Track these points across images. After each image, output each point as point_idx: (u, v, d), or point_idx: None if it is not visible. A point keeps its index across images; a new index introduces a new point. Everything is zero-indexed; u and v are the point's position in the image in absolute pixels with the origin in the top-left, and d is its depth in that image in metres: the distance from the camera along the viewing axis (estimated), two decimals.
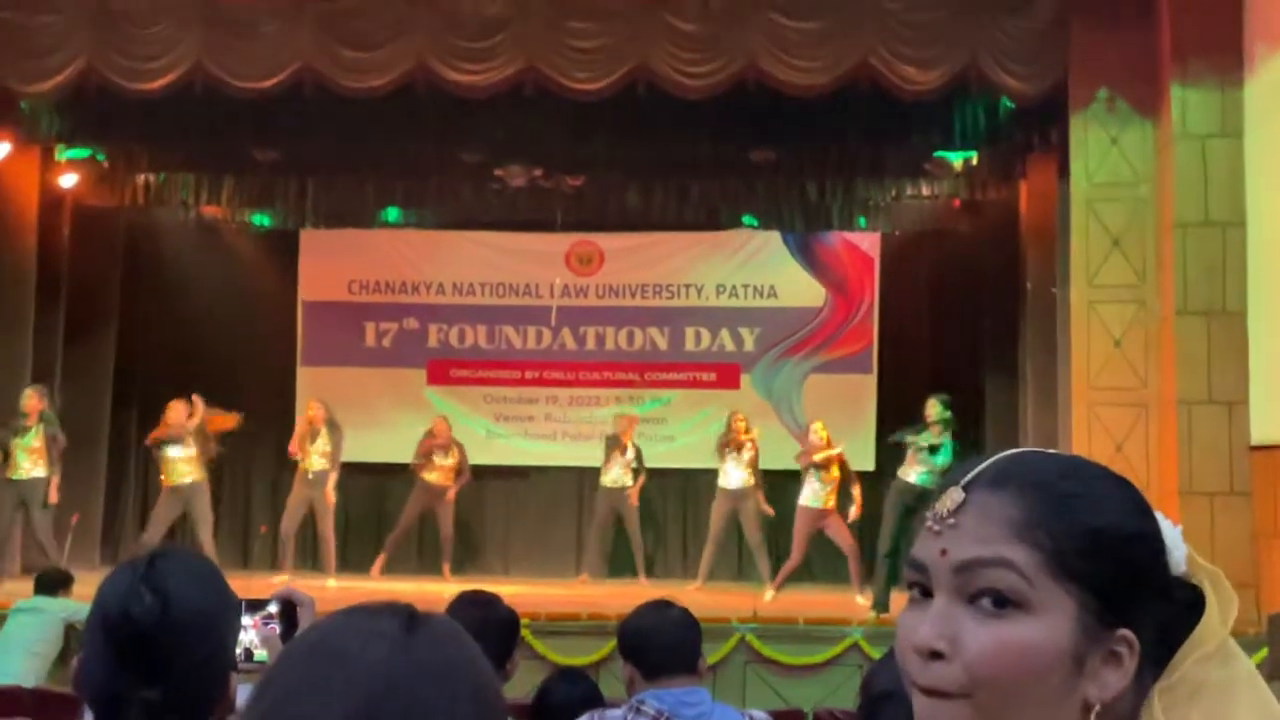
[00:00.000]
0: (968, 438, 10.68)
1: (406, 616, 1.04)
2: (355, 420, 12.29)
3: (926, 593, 1.07)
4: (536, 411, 13.48)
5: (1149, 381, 8.91)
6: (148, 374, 12.93)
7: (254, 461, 13.27)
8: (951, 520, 1.06)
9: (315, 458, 11.53)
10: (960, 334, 12.53)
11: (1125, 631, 1.04)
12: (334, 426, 11.59)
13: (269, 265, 13.58)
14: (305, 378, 13.38)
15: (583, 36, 9.61)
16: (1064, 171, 9.68)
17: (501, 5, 9.58)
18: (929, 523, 1.08)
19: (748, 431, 11.43)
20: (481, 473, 12.56)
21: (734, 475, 11.37)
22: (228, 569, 2.31)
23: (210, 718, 1.90)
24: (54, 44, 9.62)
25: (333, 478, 11.53)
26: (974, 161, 11.96)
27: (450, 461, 12.04)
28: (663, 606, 3.38)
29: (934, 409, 9.83)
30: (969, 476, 1.07)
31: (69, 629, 7.64)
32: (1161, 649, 1.05)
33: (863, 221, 13.10)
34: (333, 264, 13.60)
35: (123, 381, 12.95)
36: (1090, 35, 9.14)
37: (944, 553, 1.05)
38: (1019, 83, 9.43)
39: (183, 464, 10.94)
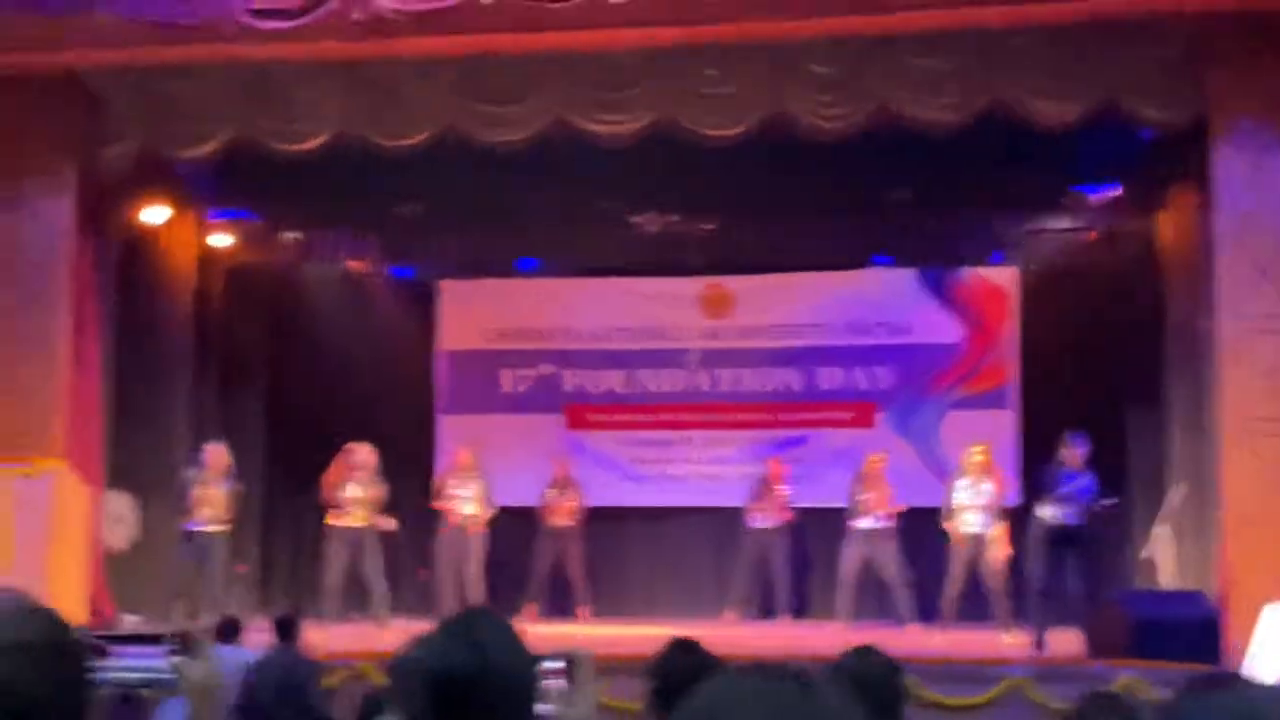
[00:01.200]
0: (1111, 472, 10.55)
1: (799, 680, 1.07)
2: (494, 466, 12.47)
3: None
4: (673, 454, 13.55)
5: None
6: (295, 425, 13.24)
7: (396, 509, 13.50)
8: None
9: (466, 503, 11.78)
10: (1102, 367, 12.33)
11: None
12: (481, 472, 11.85)
13: (410, 316, 13.86)
14: (445, 426, 13.62)
15: (716, 84, 9.60)
16: (1206, 202, 9.52)
17: (635, 56, 9.70)
18: None
19: (878, 476, 11.41)
20: (621, 515, 12.67)
21: (865, 517, 11.35)
22: None
23: None
24: (208, 111, 9.94)
25: (484, 520, 11.77)
26: (1113, 193, 11.82)
27: (571, 503, 12.21)
28: (866, 653, 3.38)
29: (1066, 447, 9.82)
30: None
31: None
32: None
33: (999, 257, 13.01)
34: (470, 313, 13.85)
35: (273, 433, 13.31)
36: (1230, 63, 8.95)
37: None
38: (1157, 113, 9.25)
39: (356, 505, 11.25)
